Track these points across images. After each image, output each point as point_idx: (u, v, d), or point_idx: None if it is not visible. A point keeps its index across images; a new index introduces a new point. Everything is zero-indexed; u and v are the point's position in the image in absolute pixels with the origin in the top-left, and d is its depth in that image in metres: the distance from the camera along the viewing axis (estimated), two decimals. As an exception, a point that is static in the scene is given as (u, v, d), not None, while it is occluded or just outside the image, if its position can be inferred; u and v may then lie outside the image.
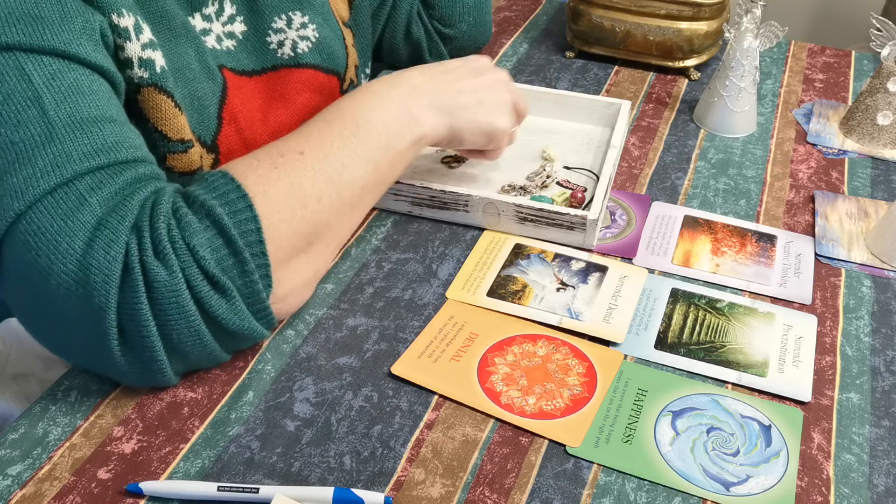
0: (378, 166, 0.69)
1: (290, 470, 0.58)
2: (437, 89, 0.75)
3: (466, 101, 0.76)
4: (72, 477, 0.57)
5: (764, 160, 0.93)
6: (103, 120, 0.60)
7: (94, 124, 0.59)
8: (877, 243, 0.79)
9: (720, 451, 0.60)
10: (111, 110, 0.61)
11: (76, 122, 0.58)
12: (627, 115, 0.92)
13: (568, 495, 0.57)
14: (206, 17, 0.79)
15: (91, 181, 0.57)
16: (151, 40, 0.69)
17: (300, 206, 0.63)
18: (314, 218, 0.64)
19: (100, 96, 0.61)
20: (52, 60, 0.59)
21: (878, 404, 0.65)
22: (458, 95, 0.76)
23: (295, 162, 0.64)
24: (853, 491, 0.58)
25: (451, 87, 0.76)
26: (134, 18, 0.67)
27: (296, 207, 0.63)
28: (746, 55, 0.92)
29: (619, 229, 0.81)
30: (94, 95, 0.60)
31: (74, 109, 0.58)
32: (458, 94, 0.76)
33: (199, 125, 0.76)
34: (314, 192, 0.64)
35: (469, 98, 0.76)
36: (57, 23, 0.59)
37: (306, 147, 0.66)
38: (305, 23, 0.87)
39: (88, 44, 0.61)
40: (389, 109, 0.71)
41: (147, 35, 0.68)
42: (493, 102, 0.78)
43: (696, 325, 0.71)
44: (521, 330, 0.70)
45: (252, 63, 0.83)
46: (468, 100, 0.76)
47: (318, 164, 0.65)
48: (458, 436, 0.61)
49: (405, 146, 0.71)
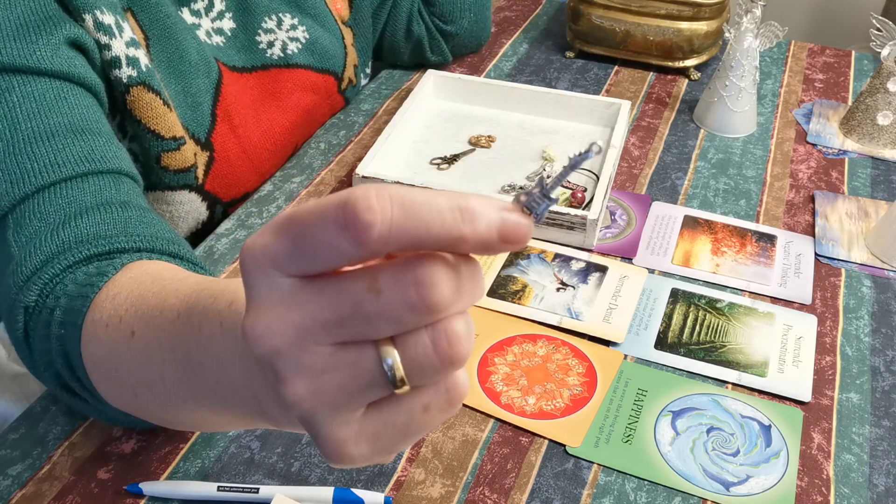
0: (203, 407, 0.44)
1: (290, 470, 0.58)
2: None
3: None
4: (72, 477, 0.57)
5: (764, 160, 0.93)
6: (45, 135, 0.58)
7: (30, 144, 0.58)
8: (877, 243, 0.79)
9: (720, 451, 0.60)
10: (63, 117, 0.60)
11: (13, 146, 0.57)
12: (627, 115, 0.92)
13: (568, 495, 0.57)
14: (195, 12, 0.79)
15: (17, 216, 0.56)
16: (133, 38, 0.68)
17: (116, 382, 0.50)
18: (132, 402, 0.50)
19: (50, 106, 0.59)
20: (2, 78, 0.58)
21: (878, 404, 0.65)
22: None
23: (121, 338, 0.48)
24: (853, 491, 0.58)
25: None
26: (114, 17, 0.67)
27: (112, 380, 0.50)
28: (746, 55, 0.92)
29: (619, 229, 0.81)
30: (44, 107, 0.59)
31: (14, 130, 0.57)
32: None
33: (192, 122, 0.76)
34: (131, 385, 0.48)
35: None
36: (10, 36, 0.59)
37: (142, 333, 0.47)
38: (295, 24, 0.86)
39: (45, 50, 0.60)
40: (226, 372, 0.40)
41: (128, 33, 0.68)
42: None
43: (696, 325, 0.71)
44: (521, 330, 0.70)
45: (242, 60, 0.83)
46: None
47: (139, 362, 0.47)
48: (458, 436, 0.61)
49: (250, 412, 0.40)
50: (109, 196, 0.59)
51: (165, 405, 0.47)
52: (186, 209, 0.78)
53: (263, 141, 0.85)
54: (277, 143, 0.87)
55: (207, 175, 0.79)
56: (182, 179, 0.76)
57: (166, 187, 0.75)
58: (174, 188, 0.76)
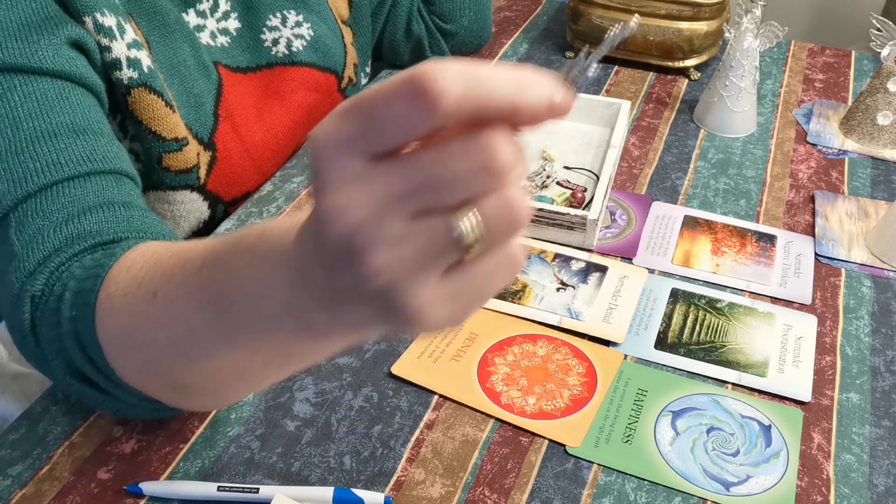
0: (237, 348, 0.46)
1: (290, 470, 0.58)
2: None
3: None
4: (72, 477, 0.57)
5: (764, 160, 0.93)
6: (47, 135, 0.58)
7: (32, 143, 0.58)
8: (877, 243, 0.79)
9: (720, 451, 0.60)
10: (65, 117, 0.60)
11: (14, 145, 0.57)
12: (627, 115, 0.92)
13: (568, 495, 0.57)
14: (201, 13, 0.79)
15: (19, 215, 0.56)
16: (135, 40, 0.68)
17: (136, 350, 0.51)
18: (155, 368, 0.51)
19: (52, 106, 0.59)
20: (3, 78, 0.58)
21: (878, 404, 0.65)
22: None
23: (142, 302, 0.49)
24: (853, 491, 0.58)
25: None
26: (116, 19, 0.67)
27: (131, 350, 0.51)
28: (746, 55, 0.92)
29: (619, 229, 0.81)
30: (45, 107, 0.59)
31: (16, 129, 0.57)
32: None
33: (195, 122, 0.76)
34: (155, 347, 0.50)
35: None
36: (11, 36, 0.59)
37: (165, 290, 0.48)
38: (300, 21, 0.87)
39: (47, 50, 0.60)
40: (265, 298, 0.42)
41: (131, 35, 0.68)
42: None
43: (696, 325, 0.71)
44: (521, 330, 0.70)
45: (246, 60, 0.83)
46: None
47: (164, 320, 0.48)
48: (458, 436, 0.61)
49: (286, 336, 0.43)
50: (112, 196, 0.59)
51: (193, 361, 0.48)
52: (188, 208, 0.78)
53: (266, 140, 0.85)
54: (280, 143, 0.87)
55: (209, 175, 0.79)
56: (184, 179, 0.76)
57: (168, 187, 0.75)
58: (176, 188, 0.76)
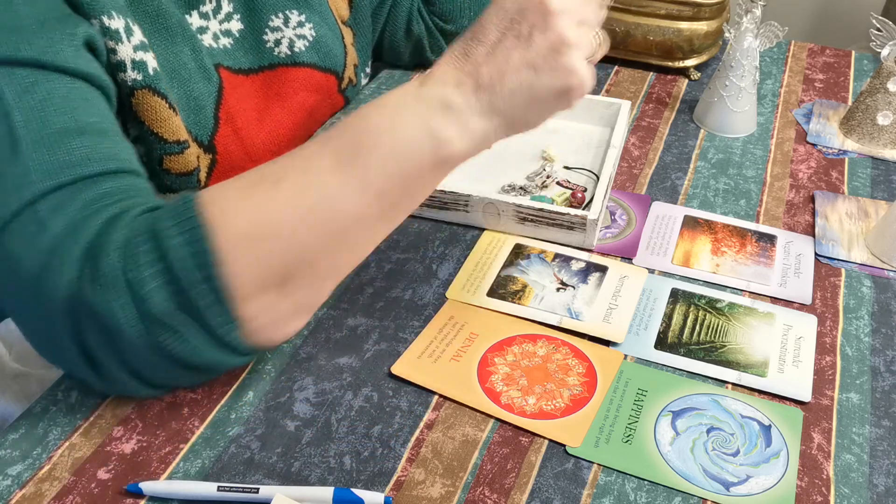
0: (383, 196, 0.56)
1: (290, 470, 0.58)
2: (467, 84, 0.56)
3: (514, 80, 0.56)
4: (72, 477, 0.57)
5: (764, 160, 0.93)
6: (75, 131, 0.58)
7: (63, 138, 0.58)
8: (877, 243, 0.79)
9: (720, 451, 0.60)
10: (90, 117, 0.60)
11: (43, 138, 0.57)
12: (627, 115, 0.92)
13: (568, 495, 0.57)
14: (204, 14, 0.79)
15: (53, 201, 0.55)
16: (143, 42, 0.69)
17: (267, 241, 0.55)
18: (285, 255, 0.56)
19: (77, 105, 0.59)
20: (28, 72, 0.58)
21: (878, 404, 0.65)
22: (500, 79, 0.56)
23: (268, 192, 0.55)
24: (853, 491, 0.58)
25: (486, 71, 0.56)
26: (124, 21, 0.67)
27: (261, 243, 0.55)
28: (746, 55, 0.92)
29: (619, 229, 0.81)
30: (70, 105, 0.59)
31: (44, 124, 0.57)
32: (500, 77, 0.56)
33: (195, 125, 0.76)
34: (287, 228, 0.55)
35: (517, 75, 0.56)
36: (34, 32, 0.59)
37: (290, 173, 0.56)
38: (303, 21, 0.87)
39: (68, 50, 0.60)
40: (400, 129, 0.56)
41: (138, 37, 0.68)
42: (551, 62, 0.56)
43: (696, 325, 0.71)
44: (521, 330, 0.70)
45: (249, 61, 0.83)
46: (516, 78, 0.56)
47: (296, 196, 0.55)
48: (458, 436, 0.61)
49: (424, 171, 0.57)
50: (144, 192, 0.61)
51: (328, 222, 0.56)
52: None
53: (267, 143, 0.85)
54: (281, 144, 0.87)
55: (210, 177, 0.79)
56: (185, 183, 0.76)
57: (168, 189, 0.76)
58: (176, 190, 0.76)
